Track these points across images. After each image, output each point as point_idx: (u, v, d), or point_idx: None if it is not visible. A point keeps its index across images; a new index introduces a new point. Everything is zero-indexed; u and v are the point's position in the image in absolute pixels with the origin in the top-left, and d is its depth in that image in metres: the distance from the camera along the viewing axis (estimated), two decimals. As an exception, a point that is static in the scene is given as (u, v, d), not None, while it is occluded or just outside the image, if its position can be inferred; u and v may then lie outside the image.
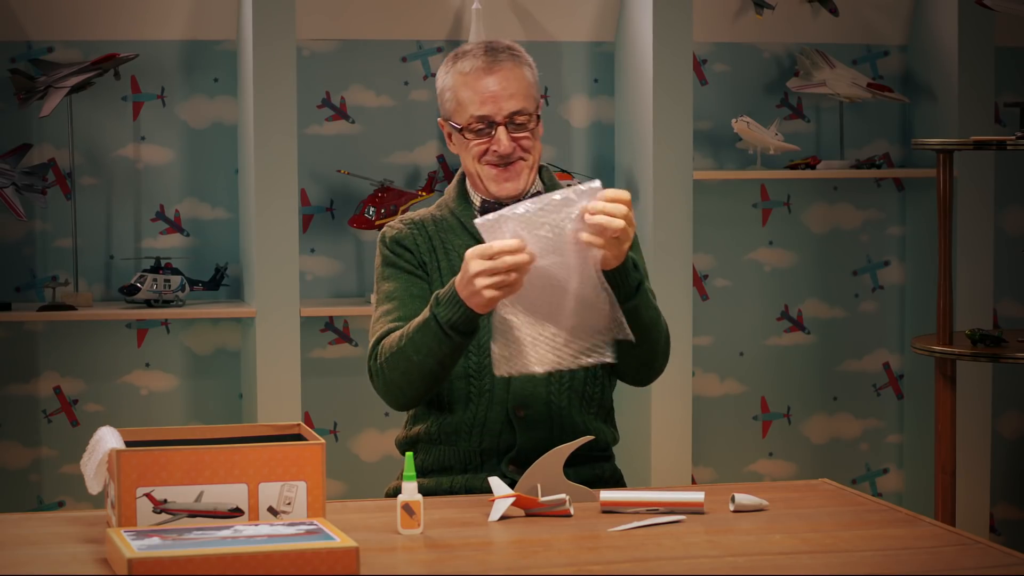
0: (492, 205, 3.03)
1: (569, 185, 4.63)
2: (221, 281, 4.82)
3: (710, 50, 5.21)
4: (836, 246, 5.36)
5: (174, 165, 4.90)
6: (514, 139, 2.99)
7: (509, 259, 2.67)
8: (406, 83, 5.02)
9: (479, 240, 2.99)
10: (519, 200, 2.94)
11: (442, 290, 2.82)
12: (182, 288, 4.74)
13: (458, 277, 2.77)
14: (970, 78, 5.13)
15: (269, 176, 4.66)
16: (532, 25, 5.06)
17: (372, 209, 4.79)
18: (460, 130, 3.01)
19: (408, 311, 2.98)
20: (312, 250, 4.94)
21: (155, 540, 2.32)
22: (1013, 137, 4.43)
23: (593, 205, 2.67)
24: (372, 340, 3.01)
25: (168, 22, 4.84)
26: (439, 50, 5.02)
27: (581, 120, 5.14)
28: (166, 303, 4.72)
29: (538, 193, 3.06)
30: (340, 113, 4.98)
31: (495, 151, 2.99)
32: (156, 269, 4.73)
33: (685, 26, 4.86)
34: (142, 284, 4.69)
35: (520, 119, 2.99)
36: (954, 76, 5.14)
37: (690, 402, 4.93)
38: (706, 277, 5.26)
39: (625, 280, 2.84)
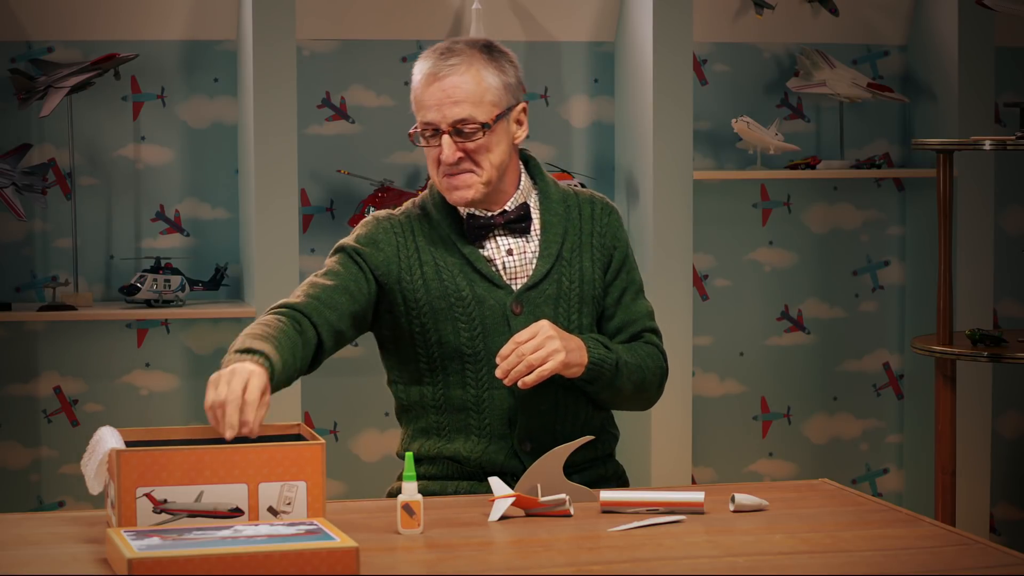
0: (477, 219, 2.97)
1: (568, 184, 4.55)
2: (221, 281, 4.82)
3: (710, 50, 5.21)
4: (836, 246, 5.37)
5: (174, 165, 4.90)
6: (461, 148, 2.89)
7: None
8: (406, 83, 5.00)
9: (462, 250, 2.96)
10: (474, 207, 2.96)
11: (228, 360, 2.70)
12: (182, 288, 4.74)
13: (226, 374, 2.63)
14: (970, 78, 5.13)
15: (269, 176, 4.66)
16: (532, 25, 5.06)
17: (372, 209, 4.79)
18: (415, 132, 2.95)
19: (328, 300, 2.88)
20: (312, 250, 4.94)
21: (155, 540, 2.32)
22: (1013, 137, 4.43)
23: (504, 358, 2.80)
24: (291, 296, 2.92)
25: (168, 22, 4.84)
26: (439, 50, 5.01)
27: (581, 120, 5.14)
28: (166, 303, 4.72)
29: (525, 205, 2.99)
30: (340, 113, 4.98)
31: (443, 160, 2.91)
32: (156, 269, 4.73)
33: (685, 26, 4.86)
34: (142, 284, 4.69)
35: (468, 128, 2.89)
36: (954, 76, 5.14)
37: (690, 402, 4.93)
38: (706, 277, 5.26)
39: (591, 384, 2.93)
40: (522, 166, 3.05)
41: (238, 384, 2.60)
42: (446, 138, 2.89)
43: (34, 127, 4.78)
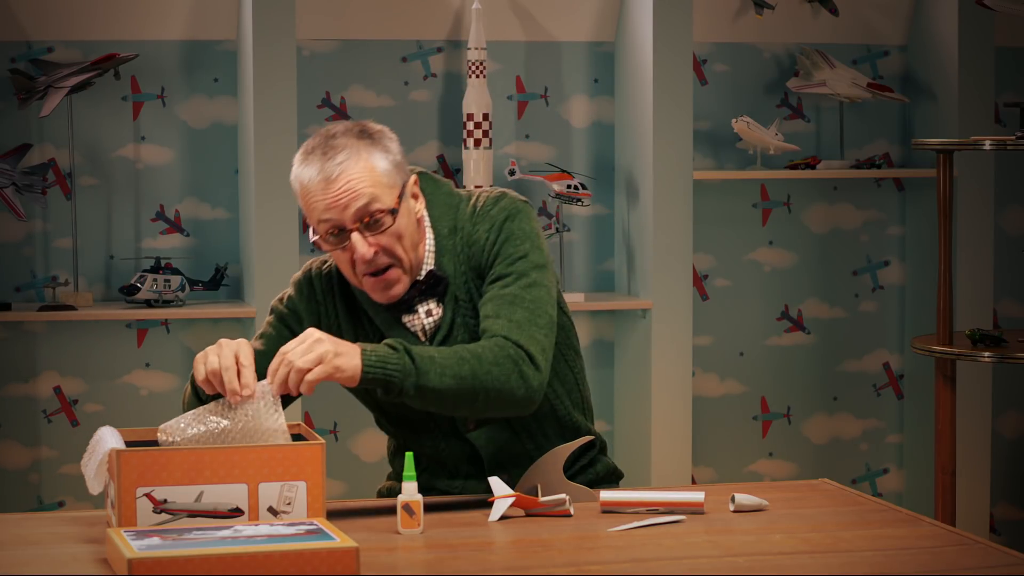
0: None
1: (567, 184, 4.55)
2: (221, 281, 4.82)
3: (710, 50, 5.21)
4: (836, 246, 5.37)
5: (174, 165, 4.90)
6: (373, 243, 2.74)
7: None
8: (406, 83, 5.02)
9: (376, 320, 2.83)
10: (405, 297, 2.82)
11: None
12: (182, 288, 4.74)
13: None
14: (970, 78, 5.13)
15: (269, 176, 4.66)
16: (532, 25, 5.06)
17: (372, 209, 4.79)
18: (318, 239, 2.77)
19: (259, 366, 2.72)
20: (312, 250, 4.94)
21: (155, 540, 2.32)
22: (1013, 137, 4.43)
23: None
24: None
25: (168, 22, 4.84)
26: (439, 50, 5.02)
27: (581, 120, 5.14)
28: (166, 303, 4.72)
29: (431, 272, 2.82)
30: (340, 113, 4.98)
31: (358, 259, 2.74)
32: (156, 269, 4.73)
33: (685, 26, 4.86)
34: (142, 284, 4.69)
35: (375, 217, 2.73)
36: (954, 76, 5.14)
37: (690, 402, 4.93)
38: (706, 277, 5.26)
39: (390, 392, 2.67)
40: (427, 220, 2.86)
41: (229, 352, 2.61)
42: (356, 236, 2.73)
43: (34, 127, 4.78)
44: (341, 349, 2.62)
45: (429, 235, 2.86)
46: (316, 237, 2.79)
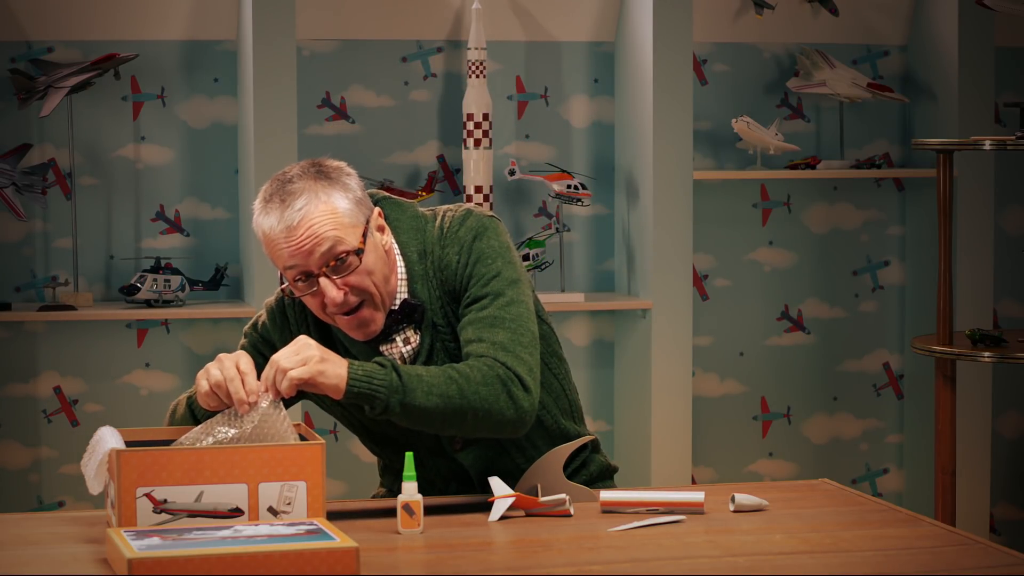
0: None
1: (566, 183, 4.56)
2: (221, 281, 4.82)
3: (710, 50, 5.21)
4: (836, 246, 5.37)
5: (174, 165, 4.91)
6: (343, 285, 2.70)
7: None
8: (406, 83, 5.02)
9: (353, 351, 2.80)
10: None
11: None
12: (182, 288, 4.74)
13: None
14: (970, 78, 5.13)
15: (269, 176, 4.63)
16: (532, 25, 5.06)
17: (372, 209, 4.79)
18: (287, 283, 2.74)
19: None
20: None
21: (155, 540, 2.32)
22: (1013, 137, 4.43)
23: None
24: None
25: (168, 22, 4.84)
26: (439, 50, 5.02)
27: (581, 120, 5.14)
28: (166, 303, 4.72)
29: (405, 301, 2.77)
30: (340, 113, 4.98)
31: (329, 303, 2.71)
32: (156, 269, 4.73)
33: (685, 26, 4.86)
34: (142, 284, 4.69)
35: (341, 259, 2.69)
36: (954, 76, 5.14)
37: (690, 402, 4.93)
38: (706, 277, 5.26)
39: (374, 406, 2.64)
40: (396, 249, 2.82)
41: (230, 364, 2.62)
42: (324, 281, 2.69)
43: (34, 127, 4.79)
44: (328, 357, 2.62)
45: (400, 263, 2.82)
46: (285, 284, 2.76)
